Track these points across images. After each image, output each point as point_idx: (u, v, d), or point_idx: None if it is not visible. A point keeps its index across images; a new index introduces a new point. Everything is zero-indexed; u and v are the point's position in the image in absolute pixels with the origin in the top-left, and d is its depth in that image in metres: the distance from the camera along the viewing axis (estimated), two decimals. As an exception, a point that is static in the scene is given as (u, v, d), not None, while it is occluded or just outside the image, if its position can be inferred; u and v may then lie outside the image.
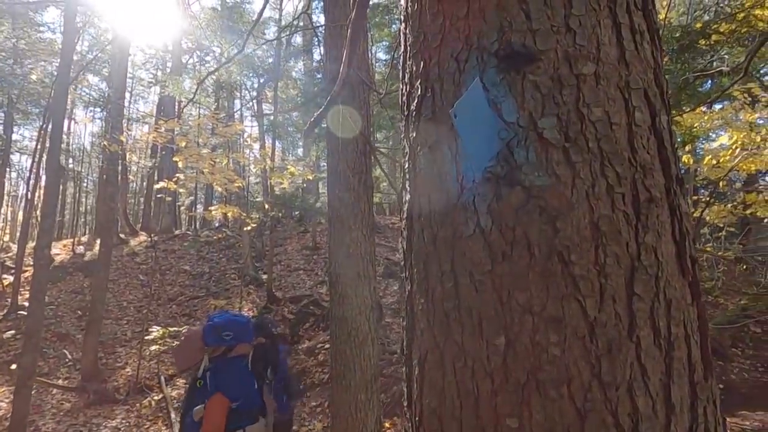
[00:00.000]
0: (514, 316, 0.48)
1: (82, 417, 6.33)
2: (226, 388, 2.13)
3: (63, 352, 8.37)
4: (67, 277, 11.33)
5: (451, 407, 0.51)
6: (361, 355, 2.98)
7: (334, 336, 3.07)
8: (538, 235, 0.49)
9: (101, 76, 19.09)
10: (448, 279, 0.54)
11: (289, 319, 8.93)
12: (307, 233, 13.61)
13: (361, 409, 2.97)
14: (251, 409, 2.18)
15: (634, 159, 0.50)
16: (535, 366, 0.47)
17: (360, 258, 3.04)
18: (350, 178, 3.08)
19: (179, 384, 7.33)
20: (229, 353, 2.26)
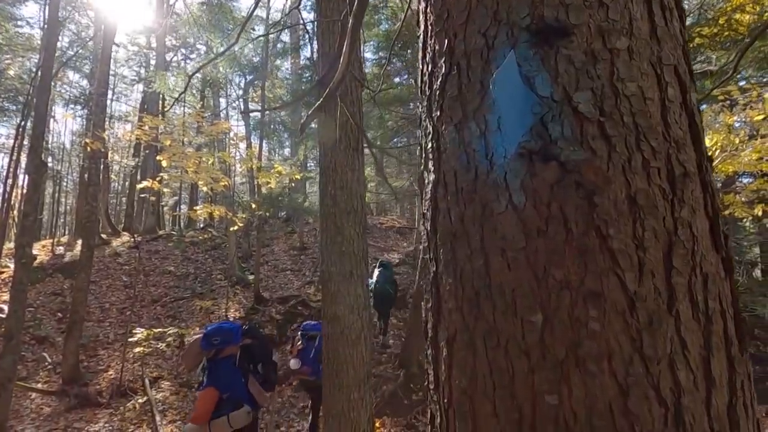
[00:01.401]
0: (551, 293, 0.47)
1: (63, 421, 6.14)
2: (216, 382, 2.78)
3: (42, 356, 8.10)
4: (47, 278, 10.98)
5: (483, 387, 0.50)
6: (354, 353, 2.96)
7: (326, 335, 3.04)
8: (574, 210, 0.48)
9: (82, 73, 18.62)
10: (478, 257, 0.52)
11: (276, 319, 8.84)
12: (294, 234, 13.50)
13: (354, 407, 2.95)
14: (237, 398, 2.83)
15: (668, 134, 0.50)
16: (574, 342, 0.46)
17: (353, 256, 3.02)
18: (342, 175, 3.05)
19: (164, 386, 7.18)
20: (219, 354, 2.89)
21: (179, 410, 6.46)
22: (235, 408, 2.83)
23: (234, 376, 2.90)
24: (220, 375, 2.83)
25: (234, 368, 2.93)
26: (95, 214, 8.19)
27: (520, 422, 0.47)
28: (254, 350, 3.16)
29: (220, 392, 2.77)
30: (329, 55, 3.18)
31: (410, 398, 6.39)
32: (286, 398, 6.69)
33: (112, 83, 18.31)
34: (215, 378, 2.81)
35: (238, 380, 2.92)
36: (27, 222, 3.32)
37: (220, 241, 12.92)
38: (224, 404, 2.78)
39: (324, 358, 3.04)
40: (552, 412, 0.46)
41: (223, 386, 2.80)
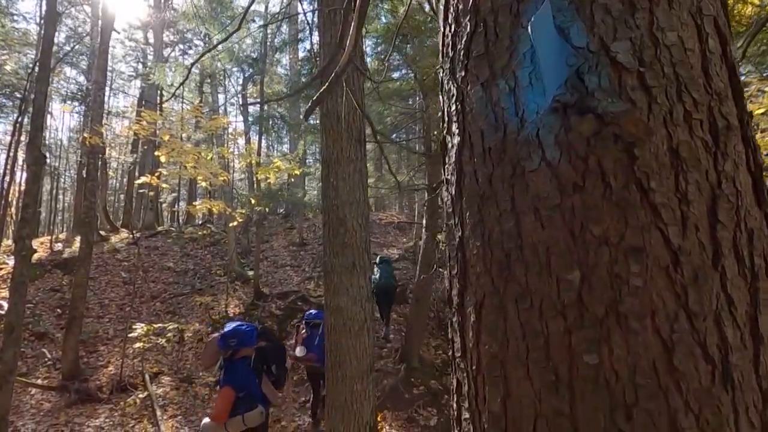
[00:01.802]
0: (589, 249, 0.45)
1: (64, 416, 6.12)
2: (232, 381, 2.92)
3: (42, 351, 8.07)
4: (45, 274, 10.93)
5: (515, 351, 0.48)
6: (357, 345, 2.94)
7: (329, 326, 3.02)
8: (613, 164, 0.46)
9: (79, 68, 18.49)
10: (508, 218, 0.51)
11: (276, 315, 8.83)
12: (293, 230, 13.48)
13: (357, 399, 2.94)
14: (252, 398, 2.96)
15: (710, 86, 0.48)
16: (614, 299, 0.44)
17: (356, 248, 3.00)
18: (344, 167, 3.03)
19: (164, 382, 7.16)
20: (236, 355, 3.03)
21: (180, 405, 6.45)
22: (250, 408, 2.98)
23: (249, 376, 3.05)
24: (236, 375, 2.99)
25: (249, 369, 3.08)
26: (94, 210, 8.14)
27: (557, 384, 0.45)
28: (268, 352, 3.34)
29: (236, 391, 2.92)
30: (331, 45, 3.15)
31: (411, 392, 6.40)
32: (287, 393, 6.69)
33: (110, 79, 18.21)
34: (232, 378, 2.97)
35: (253, 381, 3.07)
36: (26, 214, 3.28)
37: (219, 237, 12.88)
38: (240, 403, 2.93)
39: (327, 349, 3.03)
40: (591, 372, 0.44)
41: (239, 386, 2.95)
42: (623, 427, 0.42)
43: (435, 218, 7.17)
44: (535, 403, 0.46)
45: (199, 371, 7.62)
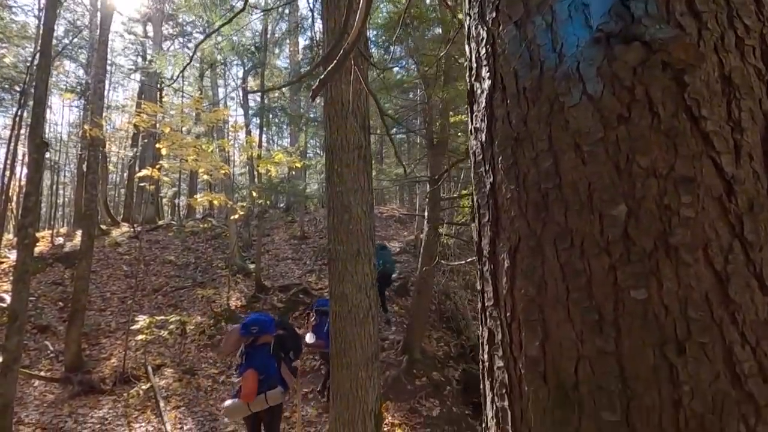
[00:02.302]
0: (636, 182, 0.43)
1: (67, 408, 6.13)
2: (254, 365, 3.23)
3: (45, 344, 8.08)
4: (47, 268, 10.92)
5: (554, 293, 0.46)
6: (362, 332, 2.93)
7: (334, 314, 3.01)
8: (661, 92, 0.44)
9: (78, 62, 18.38)
10: (545, 158, 0.48)
11: (278, 307, 8.83)
12: (294, 223, 13.47)
13: (362, 386, 2.93)
14: (272, 379, 3.29)
15: (761, 13, 0.46)
16: (664, 231, 0.42)
17: (360, 235, 2.98)
18: (349, 154, 3.01)
19: (167, 374, 7.17)
20: (256, 342, 3.34)
21: (183, 397, 6.46)
22: (271, 388, 3.29)
23: (269, 361, 3.35)
24: (257, 359, 3.29)
25: (269, 354, 3.38)
26: (95, 203, 8.12)
27: (600, 323, 0.43)
28: (286, 340, 3.62)
29: (258, 373, 3.23)
30: (335, 31, 3.12)
31: (413, 383, 6.41)
32: (289, 384, 6.71)
33: (109, 73, 18.10)
34: (254, 362, 3.28)
35: (273, 365, 3.37)
36: (29, 202, 3.25)
37: (220, 231, 12.87)
38: (261, 384, 3.24)
39: (331, 337, 3.02)
40: (639, 308, 0.42)
41: (260, 369, 3.26)
42: (675, 362, 0.40)
43: (436, 210, 7.15)
44: (576, 344, 0.45)
45: (201, 363, 7.65)
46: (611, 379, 0.42)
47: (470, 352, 8.13)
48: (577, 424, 0.43)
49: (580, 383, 0.44)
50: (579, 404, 0.43)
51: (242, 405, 3.21)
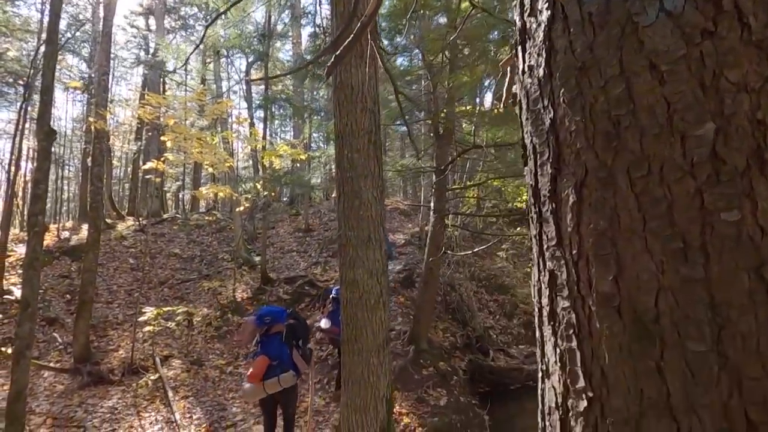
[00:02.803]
0: (725, 98, 0.41)
1: (77, 398, 6.18)
2: (267, 352, 3.59)
3: (53, 336, 8.14)
4: (54, 261, 10.97)
5: (628, 224, 0.44)
6: (373, 318, 2.92)
7: (345, 300, 2.99)
8: (752, 2, 0.41)
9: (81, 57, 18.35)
10: (616, 84, 0.46)
11: (284, 299, 8.85)
12: (298, 216, 13.47)
13: (373, 372, 2.92)
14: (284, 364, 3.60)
15: None
16: (758, 148, 0.39)
17: (371, 220, 2.96)
18: (359, 138, 2.97)
19: (175, 365, 7.21)
20: (270, 331, 3.68)
21: (191, 387, 6.50)
22: (284, 372, 3.61)
23: (281, 348, 3.67)
24: (270, 347, 3.64)
25: (281, 342, 3.70)
26: (101, 195, 8.13)
27: (685, 250, 0.41)
28: (297, 329, 3.97)
29: (271, 360, 3.57)
30: (344, 15, 3.08)
31: (420, 373, 6.41)
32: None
33: (112, 67, 18.05)
34: (267, 349, 3.63)
35: (285, 351, 3.68)
36: (38, 190, 3.23)
37: (224, 224, 12.89)
38: (275, 369, 3.57)
39: (343, 323, 3.01)
40: (731, 230, 0.39)
41: (272, 355, 3.60)
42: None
43: (443, 201, 7.11)
44: (656, 275, 0.42)
45: (208, 354, 7.69)
46: (699, 307, 0.39)
47: (476, 342, 8.14)
48: (658, 357, 0.41)
49: (661, 315, 0.41)
50: (660, 337, 0.41)
51: (259, 387, 3.53)
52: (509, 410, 6.45)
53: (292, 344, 3.80)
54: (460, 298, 9.18)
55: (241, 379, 6.82)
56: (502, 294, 10.47)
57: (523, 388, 7.66)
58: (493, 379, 7.52)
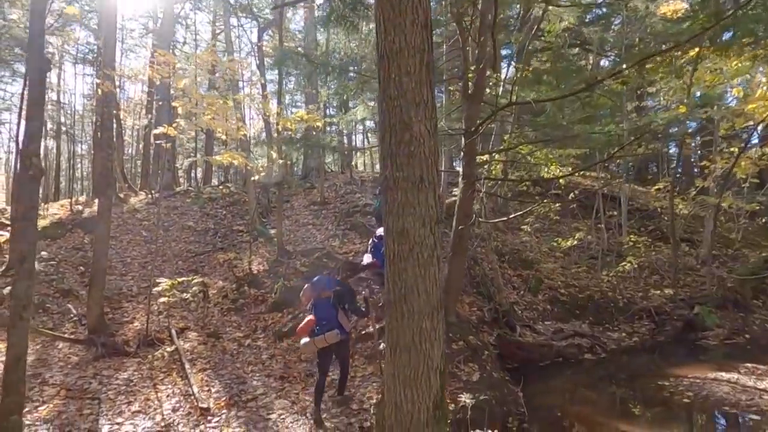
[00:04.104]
0: None
1: (92, 369, 5.87)
2: (315, 313, 4.37)
3: (67, 307, 7.86)
4: (67, 233, 10.70)
5: None
6: (426, 275, 2.42)
7: (391, 254, 2.50)
8: None
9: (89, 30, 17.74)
10: None
11: (302, 272, 8.43)
12: (313, 189, 12.99)
13: (426, 339, 2.44)
14: (330, 324, 4.28)
15: None
16: None
17: (423, 158, 2.43)
18: (410, 58, 2.42)
19: (191, 337, 6.88)
20: (321, 296, 4.46)
21: (208, 360, 6.15)
22: (330, 330, 4.25)
23: (329, 310, 4.36)
24: (320, 309, 4.39)
25: (330, 305, 4.39)
26: (111, 162, 7.71)
27: None
28: (343, 294, 4.58)
29: (319, 320, 4.32)
30: None
31: (450, 347, 5.96)
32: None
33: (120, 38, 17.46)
34: (317, 311, 4.39)
35: (332, 313, 4.35)
36: (32, 127, 2.76)
37: (238, 197, 12.47)
38: (323, 327, 4.27)
39: (389, 280, 2.52)
40: None
41: (322, 316, 4.33)
42: None
43: (472, 165, 6.53)
44: None
45: (225, 327, 7.34)
46: None
47: (503, 317, 7.68)
48: None
49: None
50: None
51: (310, 342, 4.31)
52: (540, 388, 6.02)
53: (338, 307, 4.42)
54: (484, 272, 8.70)
55: (260, 352, 6.46)
56: (525, 269, 9.96)
57: (553, 364, 7.24)
58: (522, 356, 7.08)
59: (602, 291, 9.61)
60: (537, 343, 7.48)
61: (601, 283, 9.77)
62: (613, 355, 7.79)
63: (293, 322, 6.96)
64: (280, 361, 6.09)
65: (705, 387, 5.91)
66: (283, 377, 5.59)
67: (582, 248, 10.90)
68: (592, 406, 5.78)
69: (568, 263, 10.53)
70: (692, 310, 8.81)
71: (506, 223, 10.82)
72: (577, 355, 7.55)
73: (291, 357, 6.19)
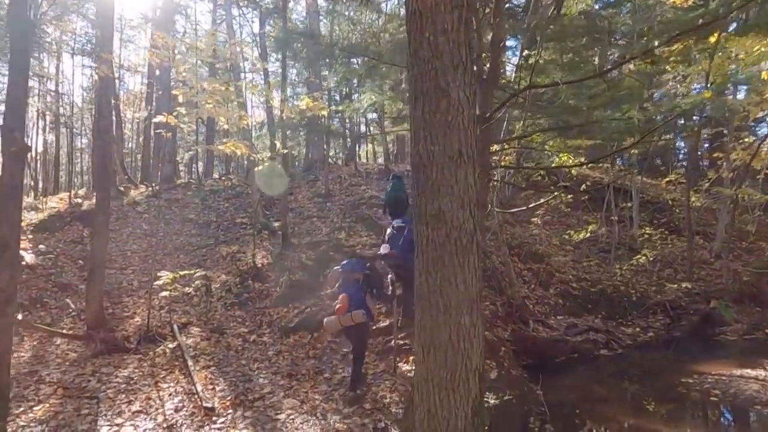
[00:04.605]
0: None
1: (90, 366, 5.56)
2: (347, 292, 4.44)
3: (66, 302, 7.55)
4: (65, 227, 10.36)
5: None
6: (465, 263, 2.10)
7: (423, 240, 2.17)
8: None
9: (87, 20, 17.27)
10: None
11: (307, 265, 8.12)
12: (317, 182, 12.65)
13: (464, 337, 2.12)
14: (358, 304, 4.36)
15: None
16: None
17: (462, 129, 2.10)
18: (446, 15, 2.08)
19: (194, 332, 6.57)
20: (350, 278, 4.55)
21: (212, 356, 5.85)
22: (355, 309, 4.31)
23: (358, 291, 4.45)
24: (348, 290, 4.44)
25: (359, 287, 4.48)
26: (109, 152, 7.37)
27: None
28: (372, 278, 4.68)
29: (349, 298, 4.36)
30: None
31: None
32: (327, 343, 6.05)
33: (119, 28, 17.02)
34: (347, 290, 4.45)
35: (360, 295, 4.43)
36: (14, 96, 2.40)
37: (240, 189, 12.12)
38: (350, 307, 4.32)
39: (420, 274, 2.20)
40: None
41: (350, 296, 4.38)
42: None
43: (487, 153, 6.19)
44: None
45: (229, 322, 7.03)
46: None
47: (516, 311, 7.39)
48: None
49: None
50: None
51: (335, 320, 4.36)
52: (557, 385, 5.74)
53: (366, 290, 4.50)
54: (495, 266, 8.39)
55: (265, 348, 6.16)
56: (536, 263, 9.64)
57: (568, 360, 6.97)
58: (537, 351, 6.80)
59: (615, 285, 9.31)
60: (552, 338, 7.19)
61: (614, 276, 9.47)
62: (630, 350, 7.51)
63: (299, 317, 6.65)
64: (287, 358, 5.78)
65: (732, 384, 5.62)
66: (291, 375, 5.28)
67: (593, 241, 10.59)
68: (617, 404, 5.50)
69: (578, 256, 10.22)
70: (708, 305, 8.52)
71: (515, 216, 10.51)
72: (593, 350, 7.27)
73: (298, 353, 5.88)
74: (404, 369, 5.22)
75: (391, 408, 4.50)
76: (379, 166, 14.28)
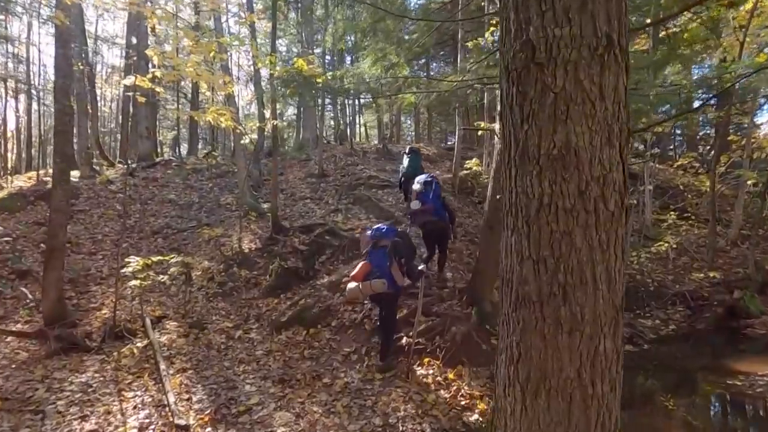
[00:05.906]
0: None
1: (41, 370, 4.51)
2: (370, 260, 4.25)
3: (23, 291, 6.42)
4: (28, 206, 9.11)
5: None
6: (610, 246, 1.12)
7: (531, 200, 1.20)
8: None
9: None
10: None
11: (301, 250, 7.11)
12: (309, 161, 11.55)
13: (604, 374, 1.18)
14: (380, 273, 4.13)
15: None
16: None
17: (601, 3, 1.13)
18: None
19: (169, 327, 5.53)
20: (378, 244, 4.37)
21: (190, 356, 4.84)
22: (377, 278, 4.09)
23: (382, 260, 4.19)
24: (373, 257, 4.25)
25: (384, 255, 4.22)
26: (69, 115, 6.19)
27: None
28: (401, 246, 4.31)
29: (372, 267, 4.17)
30: None
31: (488, 342, 4.77)
32: (325, 341, 5.10)
33: None
34: (371, 258, 4.24)
35: (385, 263, 4.17)
36: None
37: (225, 168, 10.96)
38: (373, 274, 4.13)
39: (521, 256, 1.23)
40: None
41: (374, 264, 4.19)
42: None
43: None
44: None
45: (211, 316, 6.01)
46: None
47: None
48: None
49: None
50: None
51: (356, 288, 4.10)
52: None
53: (392, 258, 4.15)
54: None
55: (253, 346, 5.19)
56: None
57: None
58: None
59: (630, 274, 8.54)
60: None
61: (630, 265, 8.69)
62: (655, 344, 6.73)
63: (292, 310, 5.68)
64: (278, 359, 4.81)
65: (786, 388, 4.85)
66: (284, 380, 4.32)
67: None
68: (663, 410, 4.67)
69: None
70: (732, 295, 7.81)
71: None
72: (619, 346, 6.46)
73: (292, 353, 4.92)
74: (420, 374, 4.32)
75: (407, 424, 3.59)
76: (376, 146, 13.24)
